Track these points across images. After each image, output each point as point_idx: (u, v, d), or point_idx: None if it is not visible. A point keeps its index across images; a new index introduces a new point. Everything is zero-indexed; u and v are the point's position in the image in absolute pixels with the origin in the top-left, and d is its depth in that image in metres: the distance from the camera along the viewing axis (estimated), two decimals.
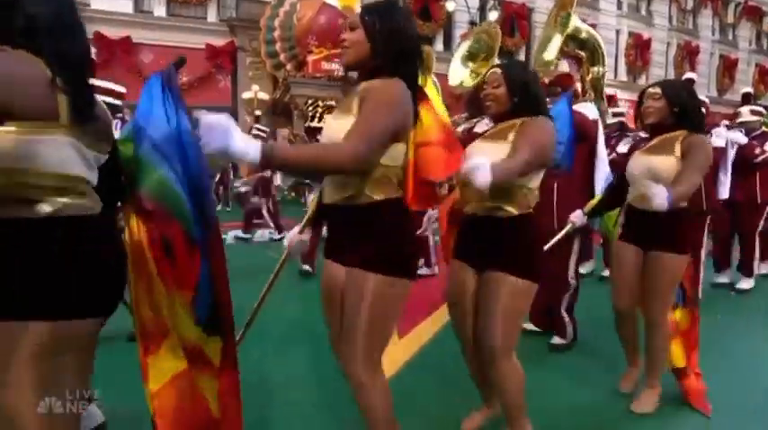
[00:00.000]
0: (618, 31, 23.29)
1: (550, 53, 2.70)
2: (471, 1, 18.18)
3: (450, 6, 16.39)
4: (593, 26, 22.73)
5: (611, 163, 3.85)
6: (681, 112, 1.94)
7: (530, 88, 1.62)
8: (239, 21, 15.31)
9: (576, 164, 2.46)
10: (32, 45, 0.97)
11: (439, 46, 19.20)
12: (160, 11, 15.27)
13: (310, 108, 13.88)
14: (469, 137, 3.16)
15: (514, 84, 1.60)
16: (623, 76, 23.53)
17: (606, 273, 4.19)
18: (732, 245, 4.02)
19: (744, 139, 3.62)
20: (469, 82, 3.21)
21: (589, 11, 22.25)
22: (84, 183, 1.04)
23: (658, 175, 1.88)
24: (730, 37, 26.99)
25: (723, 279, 4.02)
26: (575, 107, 2.48)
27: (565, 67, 2.82)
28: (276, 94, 14.85)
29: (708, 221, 3.29)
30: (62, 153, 0.98)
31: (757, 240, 3.73)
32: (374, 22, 1.26)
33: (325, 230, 1.77)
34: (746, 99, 3.88)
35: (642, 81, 24.19)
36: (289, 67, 14.49)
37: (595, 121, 2.46)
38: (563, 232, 2.28)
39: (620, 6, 23.31)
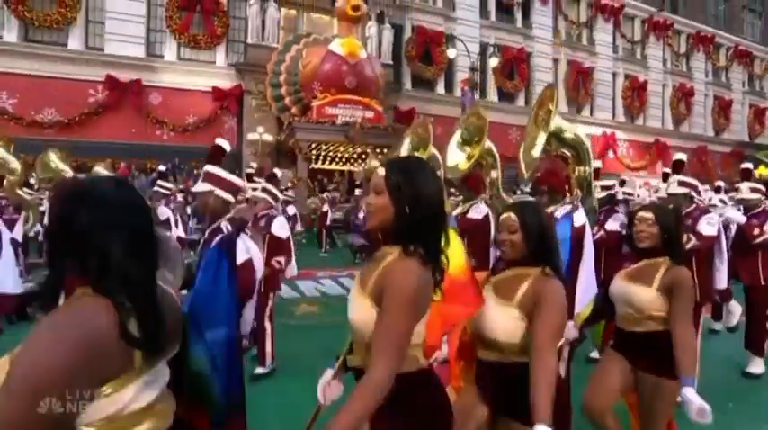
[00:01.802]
0: (614, 74, 23.93)
1: (537, 151, 2.71)
2: (472, 46, 18.79)
3: (451, 54, 16.89)
4: (591, 69, 23.42)
5: (599, 241, 3.70)
6: (668, 239, 1.99)
7: (545, 234, 1.63)
8: (246, 65, 15.78)
9: None
10: (103, 284, 0.93)
11: (440, 89, 19.72)
12: (171, 55, 15.77)
13: (314, 152, 14.10)
14: (465, 222, 3.20)
15: (531, 230, 1.61)
16: (621, 117, 24.02)
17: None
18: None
19: (742, 219, 3.58)
20: (465, 165, 3.26)
21: (586, 55, 22.96)
22: (159, 402, 1.01)
23: (634, 305, 1.91)
24: (723, 79, 27.69)
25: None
26: (561, 212, 2.45)
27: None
28: (281, 137, 15.12)
29: (702, 313, 3.18)
30: (135, 398, 0.94)
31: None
32: (399, 187, 1.23)
33: None
34: (746, 175, 3.83)
35: (640, 121, 24.68)
36: (294, 110, 14.84)
37: (582, 227, 2.44)
38: (557, 346, 2.23)
39: (615, 50, 24.05)
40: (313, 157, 14.29)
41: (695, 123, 26.62)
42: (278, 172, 5.25)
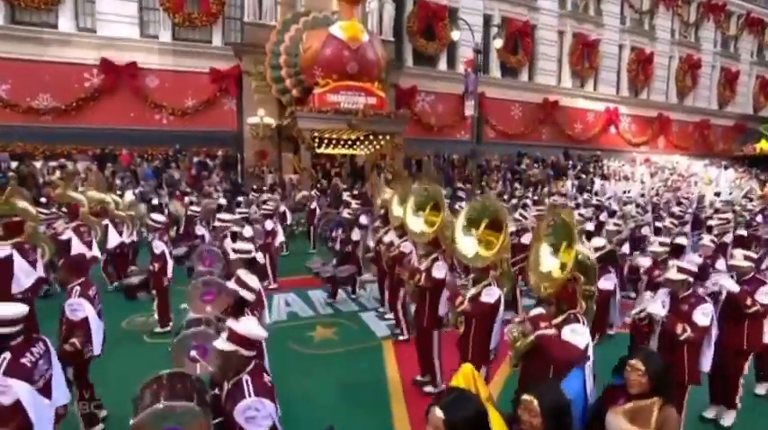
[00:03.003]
0: (620, 47, 23.28)
1: (546, 265, 2.85)
2: (475, 19, 18.19)
3: (455, 36, 16.41)
4: (597, 42, 22.67)
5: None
6: (657, 385, 2.18)
7: (563, 416, 1.85)
8: (244, 45, 15.30)
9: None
10: None
11: (442, 65, 19.26)
12: (165, 36, 15.24)
13: (317, 140, 14.01)
14: (477, 306, 3.40)
15: (550, 416, 1.82)
16: (625, 92, 23.60)
17: None
18: None
19: (735, 288, 3.69)
20: (484, 253, 3.42)
21: (592, 27, 22.24)
22: None
23: None
24: (732, 49, 27.00)
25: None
26: (566, 332, 2.63)
27: None
28: (282, 122, 14.96)
29: (686, 394, 3.29)
30: None
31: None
32: None
33: None
34: (739, 242, 3.96)
35: (644, 96, 24.30)
36: (294, 92, 14.59)
37: (586, 348, 2.61)
38: None
39: (623, 21, 23.26)
40: (316, 144, 14.21)
41: (700, 96, 26.23)
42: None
